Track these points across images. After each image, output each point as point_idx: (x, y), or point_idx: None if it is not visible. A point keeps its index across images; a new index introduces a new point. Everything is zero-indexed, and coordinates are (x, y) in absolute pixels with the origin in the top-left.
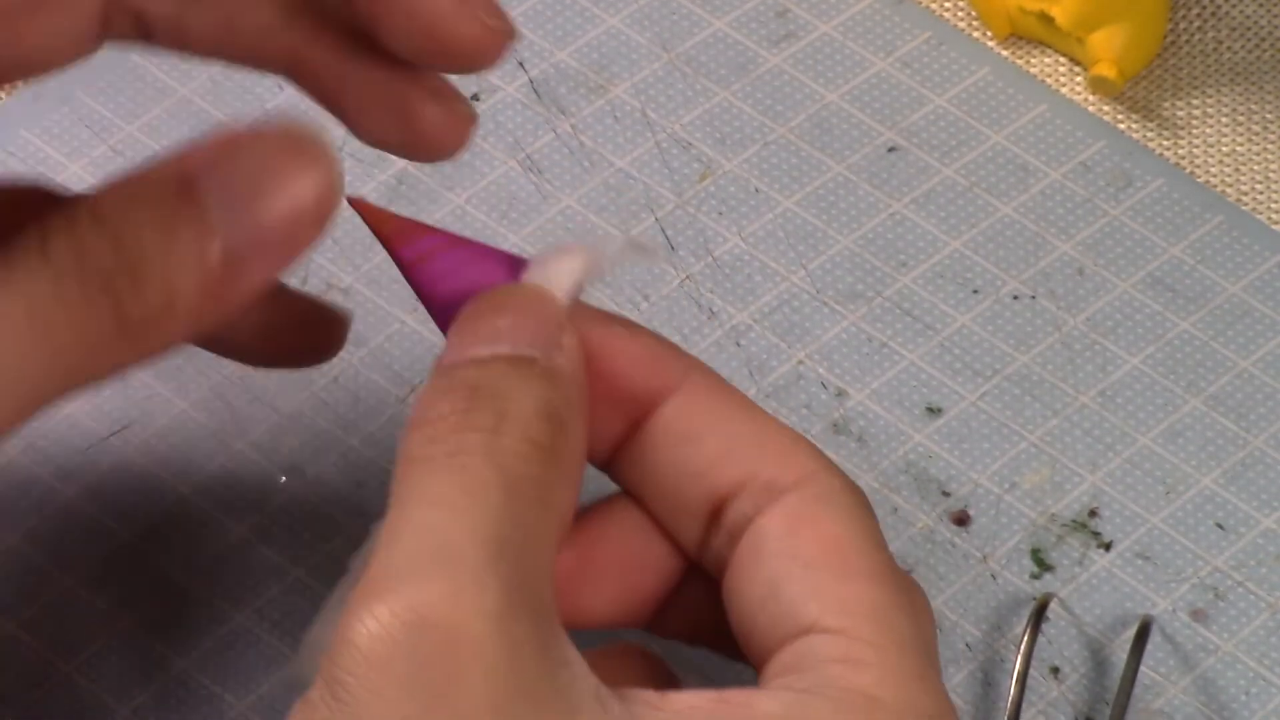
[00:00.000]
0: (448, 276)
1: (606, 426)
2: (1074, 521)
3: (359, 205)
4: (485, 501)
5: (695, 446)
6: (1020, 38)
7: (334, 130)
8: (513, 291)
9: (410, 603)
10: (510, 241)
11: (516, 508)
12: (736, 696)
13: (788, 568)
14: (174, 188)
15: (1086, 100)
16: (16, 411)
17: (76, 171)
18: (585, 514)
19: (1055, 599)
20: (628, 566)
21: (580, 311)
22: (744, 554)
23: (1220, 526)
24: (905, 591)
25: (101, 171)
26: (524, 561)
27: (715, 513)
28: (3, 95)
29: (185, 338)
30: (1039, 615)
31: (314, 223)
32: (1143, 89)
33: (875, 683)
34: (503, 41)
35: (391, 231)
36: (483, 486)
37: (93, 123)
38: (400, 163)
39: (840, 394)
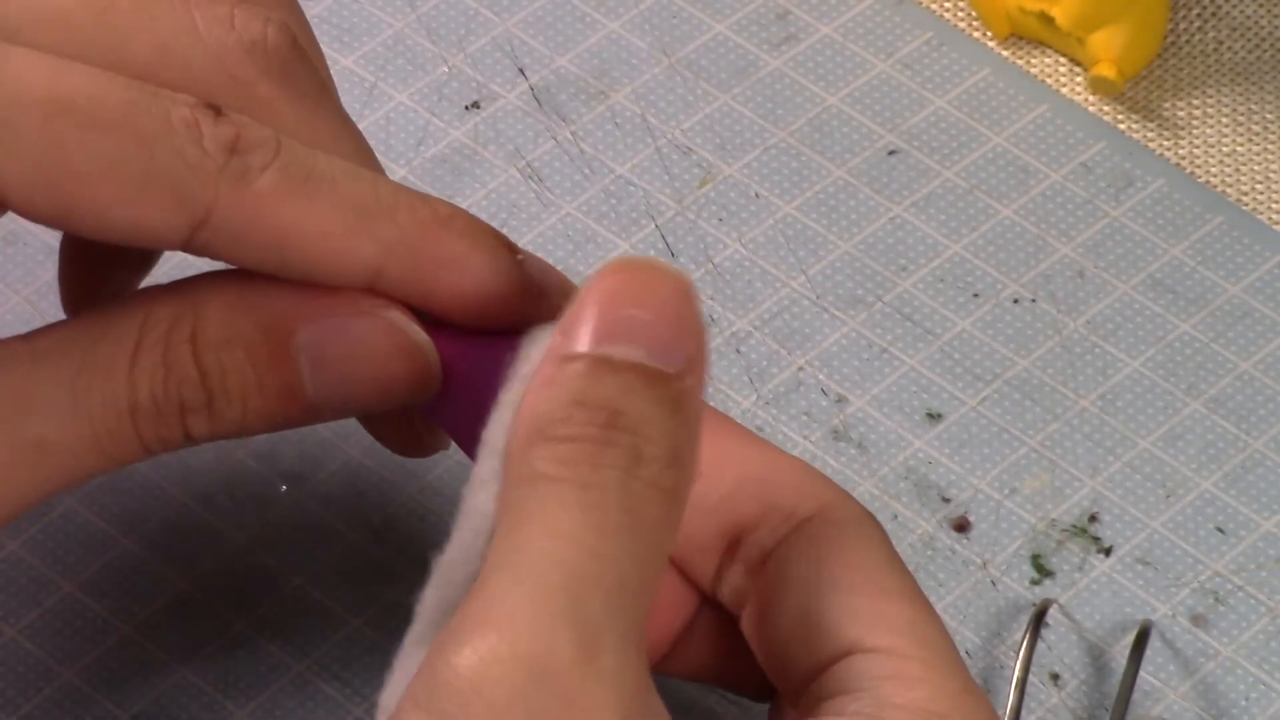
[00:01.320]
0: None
1: None
2: (1074, 527)
3: None
4: (617, 545)
5: (709, 482)
6: (1020, 38)
7: None
8: (652, 274)
9: (533, 649)
10: None
11: (639, 554)
12: None
13: (819, 593)
14: (272, 340)
15: (1087, 101)
16: (39, 498)
17: None
18: None
19: (1055, 605)
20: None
21: None
22: (769, 584)
23: (1220, 530)
24: (932, 608)
25: None
26: (637, 611)
27: (732, 546)
28: None
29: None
30: (1038, 621)
31: (400, 398)
32: (1143, 89)
33: (930, 698)
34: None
35: None
36: (615, 530)
37: None
38: (400, 172)
39: (840, 400)
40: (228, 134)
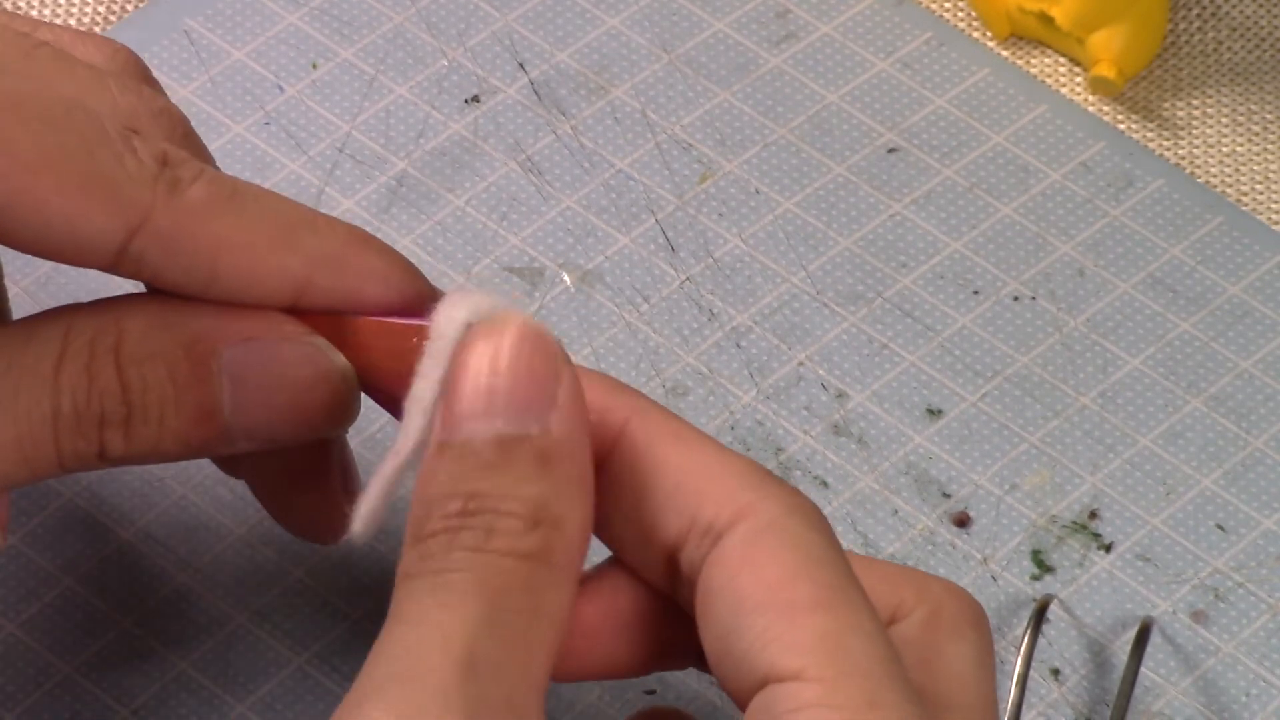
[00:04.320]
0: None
1: None
2: (1074, 523)
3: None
4: (463, 615)
5: (642, 499)
6: (1020, 38)
7: (335, 130)
8: (503, 335)
9: None
10: (510, 243)
11: (498, 618)
12: None
13: (735, 618)
14: (194, 357)
15: (1087, 101)
16: None
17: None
18: (607, 568)
19: (1056, 600)
20: (659, 609)
21: None
22: (700, 606)
23: (1221, 528)
24: (860, 607)
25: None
26: (503, 672)
27: (672, 563)
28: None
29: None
30: (1039, 617)
31: (316, 427)
32: (1143, 89)
33: None
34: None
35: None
36: (461, 600)
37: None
38: (399, 164)
39: (841, 395)
40: (157, 148)
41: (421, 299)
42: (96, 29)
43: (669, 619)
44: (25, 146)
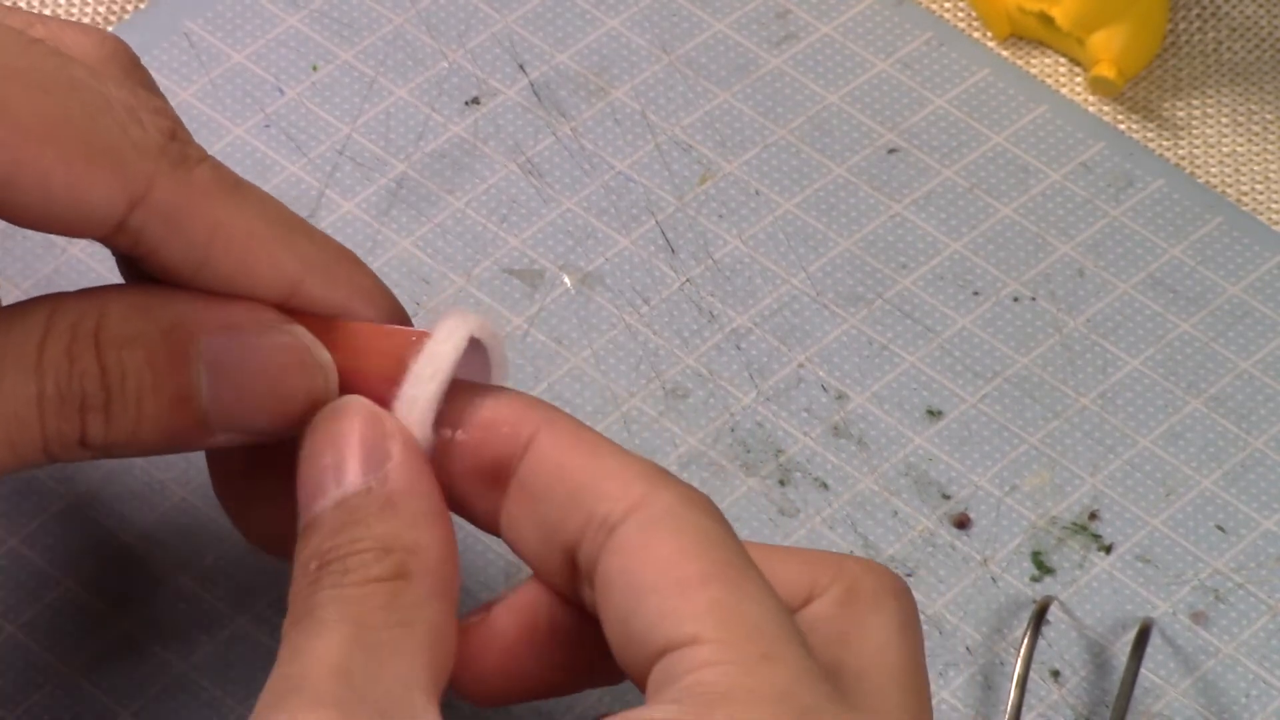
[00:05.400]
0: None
1: (482, 497)
2: (1074, 524)
3: None
4: (331, 636)
5: (545, 502)
6: (1020, 38)
7: (335, 132)
8: (332, 419)
9: None
10: (510, 245)
11: (366, 635)
12: None
13: (631, 598)
14: (172, 343)
15: (1087, 101)
16: None
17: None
18: (524, 585)
19: (1056, 602)
20: (578, 625)
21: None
22: (599, 596)
23: (1221, 529)
24: (752, 579)
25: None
26: (378, 677)
27: (574, 563)
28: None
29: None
30: (1039, 618)
31: (294, 419)
32: (1143, 89)
33: (721, 677)
34: None
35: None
36: (329, 629)
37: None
38: (399, 166)
39: (841, 397)
40: (166, 121)
41: (402, 323)
42: None
43: (590, 634)
44: (27, 114)
